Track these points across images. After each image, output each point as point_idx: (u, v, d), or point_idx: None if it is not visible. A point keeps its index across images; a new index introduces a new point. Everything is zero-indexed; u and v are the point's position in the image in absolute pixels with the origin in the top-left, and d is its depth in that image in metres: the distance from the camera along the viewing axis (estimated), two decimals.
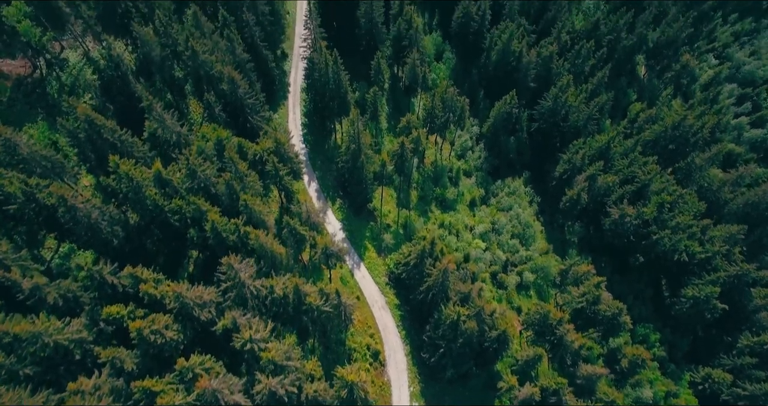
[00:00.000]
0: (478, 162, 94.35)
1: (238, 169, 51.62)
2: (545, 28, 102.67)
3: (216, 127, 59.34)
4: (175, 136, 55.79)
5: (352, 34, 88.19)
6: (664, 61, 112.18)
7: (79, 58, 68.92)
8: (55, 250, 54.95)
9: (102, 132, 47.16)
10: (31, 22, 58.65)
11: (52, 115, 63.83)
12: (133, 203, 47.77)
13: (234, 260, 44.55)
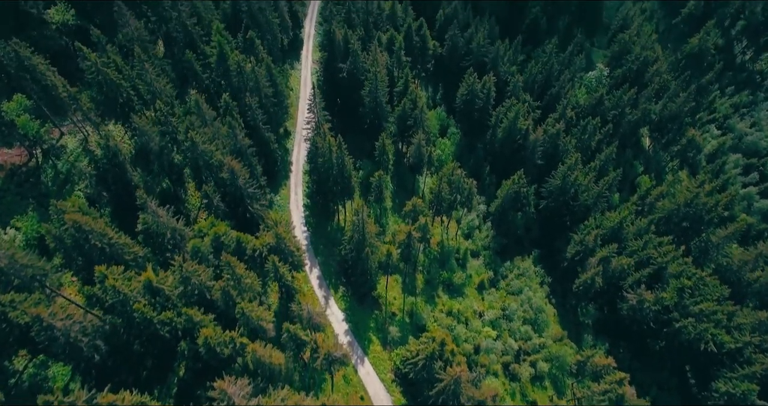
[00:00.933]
0: (486, 241, 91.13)
1: (235, 272, 47.96)
2: (550, 104, 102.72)
3: (214, 221, 56.37)
4: (170, 233, 52.59)
5: (356, 111, 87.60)
6: (668, 134, 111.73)
7: (78, 143, 67.25)
8: (27, 362, 50.23)
9: (90, 237, 43.94)
10: (30, 116, 57.30)
11: (43, 205, 61.10)
12: (120, 315, 43.79)
13: (227, 383, 39.93)
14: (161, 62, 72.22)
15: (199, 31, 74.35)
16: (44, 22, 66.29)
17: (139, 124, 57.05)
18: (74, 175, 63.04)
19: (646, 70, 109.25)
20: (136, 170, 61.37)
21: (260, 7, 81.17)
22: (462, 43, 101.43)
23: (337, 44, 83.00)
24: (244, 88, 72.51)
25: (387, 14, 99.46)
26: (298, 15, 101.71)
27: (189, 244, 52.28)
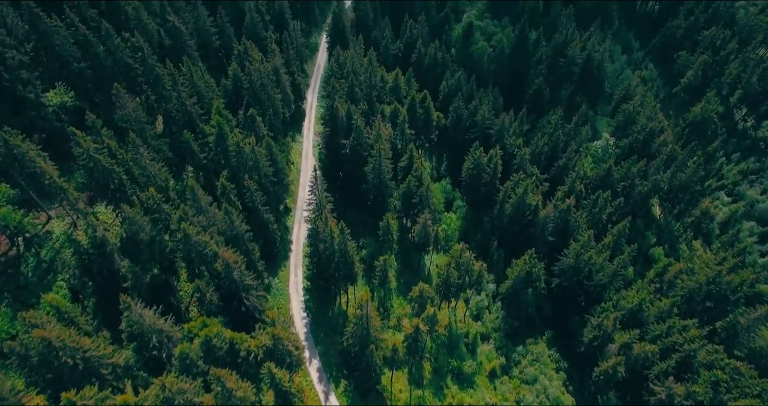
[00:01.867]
0: (496, 323, 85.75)
1: (226, 387, 42.64)
2: (557, 176, 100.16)
3: (205, 320, 51.57)
4: (156, 336, 47.65)
5: (359, 187, 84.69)
6: (680, 204, 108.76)
7: (66, 227, 63.54)
8: None
9: (61, 354, 39.04)
10: (13, 207, 53.96)
11: (20, 299, 56.45)
12: None
13: None
14: (158, 143, 69.86)
15: (198, 110, 72.59)
16: (42, 104, 64.35)
17: (130, 214, 53.47)
18: (58, 264, 58.77)
19: (653, 141, 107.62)
20: (125, 260, 57.11)
21: (262, 83, 79.99)
22: (466, 115, 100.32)
23: (340, 120, 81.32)
24: (243, 168, 69.79)
25: (390, 86, 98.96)
26: (301, 87, 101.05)
27: (176, 349, 47.21)
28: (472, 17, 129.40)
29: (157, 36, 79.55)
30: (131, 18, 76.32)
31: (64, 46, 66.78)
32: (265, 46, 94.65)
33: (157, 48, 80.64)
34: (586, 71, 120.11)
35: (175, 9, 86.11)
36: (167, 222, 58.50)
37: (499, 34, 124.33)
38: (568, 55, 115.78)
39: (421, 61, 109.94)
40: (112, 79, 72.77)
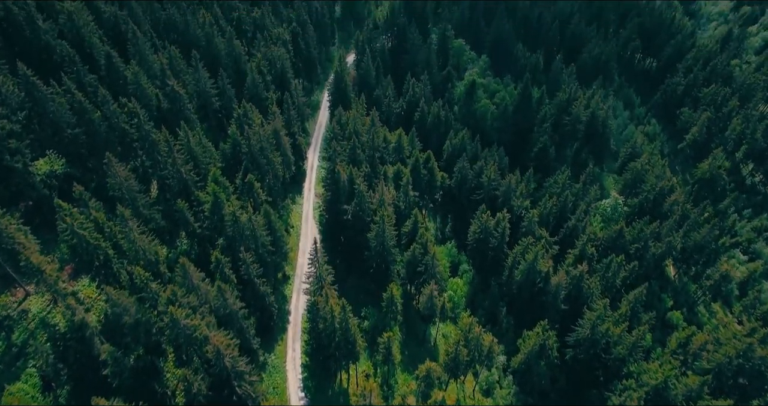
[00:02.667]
0: (508, 399, 79.45)
1: None
2: (567, 238, 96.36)
3: None
4: None
5: (361, 252, 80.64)
6: (697, 265, 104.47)
7: (44, 305, 58.95)
8: None
9: None
10: None
11: None
12: None
13: None
14: (150, 211, 66.50)
15: (194, 177, 69.70)
16: (29, 173, 61.45)
17: (114, 295, 49.21)
18: (30, 349, 53.79)
19: (664, 200, 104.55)
20: (106, 343, 52.27)
21: (261, 146, 77.64)
22: (471, 175, 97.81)
23: (342, 185, 78.38)
24: (239, 238, 66.04)
25: (393, 146, 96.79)
26: (301, 147, 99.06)
27: None
28: (474, 75, 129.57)
29: (156, 100, 77.92)
30: (130, 82, 74.88)
31: (58, 113, 64.66)
32: (265, 106, 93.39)
33: (155, 111, 79.02)
34: (591, 129, 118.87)
35: (176, 72, 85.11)
36: (155, 301, 54.08)
37: (502, 91, 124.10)
38: (572, 113, 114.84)
39: (424, 120, 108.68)
40: (106, 145, 70.46)
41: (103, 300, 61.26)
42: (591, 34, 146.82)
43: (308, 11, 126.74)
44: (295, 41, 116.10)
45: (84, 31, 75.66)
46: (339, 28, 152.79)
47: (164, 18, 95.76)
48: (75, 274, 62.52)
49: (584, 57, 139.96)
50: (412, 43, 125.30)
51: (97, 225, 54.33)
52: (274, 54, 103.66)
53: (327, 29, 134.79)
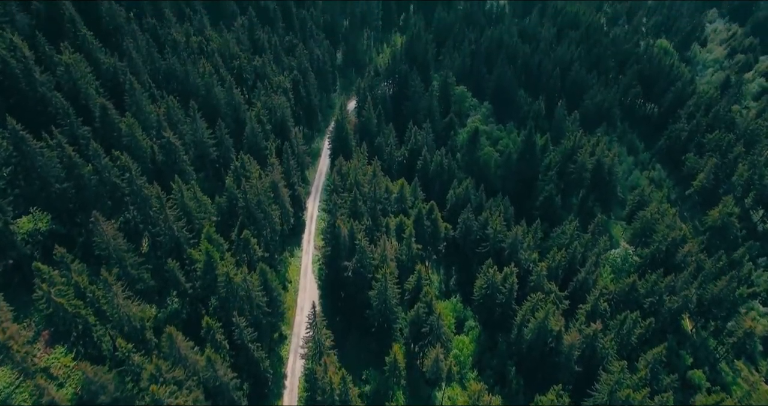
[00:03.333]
0: None
1: None
2: (577, 292, 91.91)
3: None
4: None
5: (362, 310, 76.25)
6: (716, 320, 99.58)
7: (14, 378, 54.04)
8: None
9: None
10: None
11: None
12: None
13: None
14: (139, 271, 62.66)
15: (186, 234, 66.33)
16: (10, 232, 58.10)
17: (90, 373, 44.76)
18: None
19: (677, 251, 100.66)
20: None
21: (258, 200, 74.60)
22: (476, 227, 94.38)
23: (342, 240, 74.87)
24: (233, 299, 62.01)
25: (395, 197, 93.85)
26: (301, 197, 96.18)
27: None
28: (476, 122, 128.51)
29: (150, 152, 75.52)
30: (124, 134, 72.71)
31: (46, 168, 61.98)
32: (264, 156, 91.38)
33: (149, 163, 76.52)
34: (597, 176, 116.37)
35: (173, 122, 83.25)
36: (138, 375, 49.50)
37: (505, 139, 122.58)
38: (577, 161, 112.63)
39: (427, 169, 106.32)
40: (96, 199, 67.51)
41: (80, 370, 56.68)
42: (592, 81, 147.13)
43: (310, 59, 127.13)
44: (296, 89, 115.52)
45: (81, 83, 74.16)
46: (340, 74, 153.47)
47: (164, 68, 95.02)
48: (52, 340, 58.03)
49: (587, 104, 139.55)
50: (414, 90, 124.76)
51: (78, 290, 50.43)
52: (274, 102, 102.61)
53: (328, 76, 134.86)
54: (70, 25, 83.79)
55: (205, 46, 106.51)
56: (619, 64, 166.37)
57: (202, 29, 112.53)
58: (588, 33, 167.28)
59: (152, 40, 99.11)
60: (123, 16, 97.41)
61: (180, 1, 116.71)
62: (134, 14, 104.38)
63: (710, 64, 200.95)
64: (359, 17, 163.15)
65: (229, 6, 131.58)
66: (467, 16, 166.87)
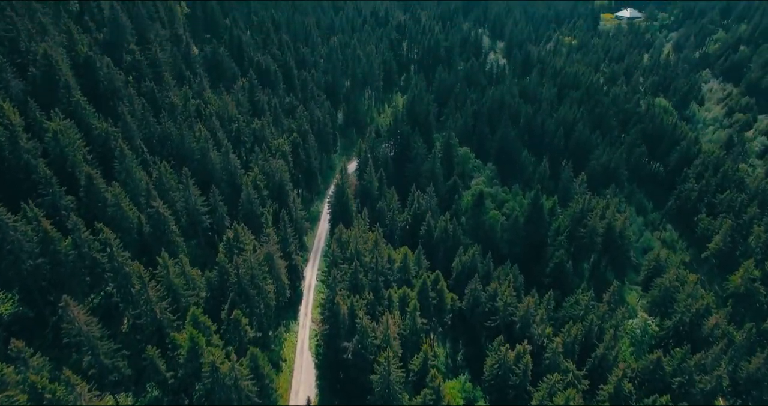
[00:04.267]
0: None
1: None
2: (595, 369, 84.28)
3: None
4: None
5: (364, 395, 68.83)
6: (756, 403, 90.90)
7: None
8: None
9: None
10: None
11: None
12: None
13: None
14: (114, 360, 55.98)
15: (170, 316, 60.30)
16: None
17: None
18: None
19: (702, 323, 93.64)
20: None
21: (252, 275, 68.93)
22: (485, 298, 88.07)
23: (342, 318, 68.61)
24: (219, 389, 55.09)
25: (399, 267, 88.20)
26: (298, 267, 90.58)
27: None
28: (481, 184, 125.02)
29: (137, 223, 70.80)
30: (110, 205, 68.16)
31: (19, 243, 56.94)
32: (260, 223, 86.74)
33: (135, 235, 71.64)
34: (609, 241, 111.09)
35: (164, 189, 79.19)
36: None
37: (511, 201, 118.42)
38: (588, 225, 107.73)
39: (431, 234, 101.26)
40: (73, 276, 62.04)
41: None
42: (596, 141, 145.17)
43: (310, 120, 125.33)
44: (295, 151, 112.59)
45: (68, 150, 70.68)
46: (341, 134, 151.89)
47: (159, 132, 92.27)
48: None
49: (592, 164, 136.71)
50: (416, 152, 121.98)
51: (35, 392, 43.77)
52: (272, 166, 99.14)
53: (329, 137, 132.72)
54: (65, 91, 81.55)
55: (203, 109, 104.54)
56: (621, 123, 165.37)
57: (201, 92, 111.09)
58: (589, 93, 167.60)
59: (149, 104, 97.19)
60: (122, 80, 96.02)
61: (180, 63, 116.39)
62: (133, 78, 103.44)
63: (710, 122, 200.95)
64: (360, 78, 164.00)
65: (230, 68, 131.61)
66: (468, 76, 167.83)
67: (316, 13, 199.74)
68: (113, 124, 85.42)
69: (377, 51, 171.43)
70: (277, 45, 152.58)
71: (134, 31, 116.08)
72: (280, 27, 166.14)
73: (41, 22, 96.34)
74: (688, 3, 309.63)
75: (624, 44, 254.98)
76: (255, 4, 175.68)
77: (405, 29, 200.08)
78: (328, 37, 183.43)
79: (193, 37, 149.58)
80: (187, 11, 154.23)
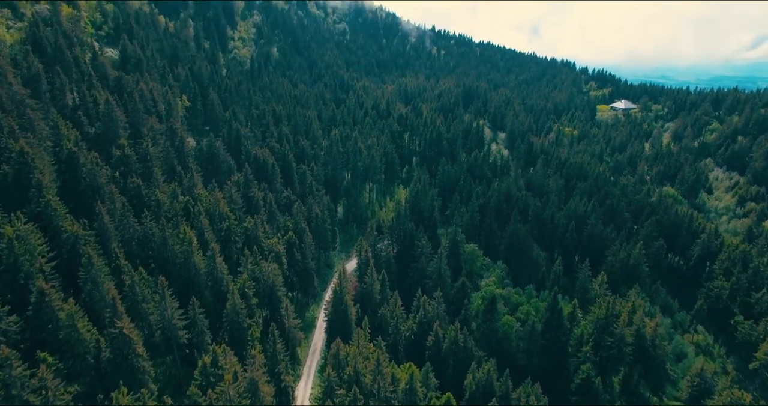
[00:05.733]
0: None
1: None
2: None
3: None
4: None
5: None
6: None
7: None
8: None
9: None
10: None
11: None
12: None
13: None
14: None
15: None
16: None
17: None
18: None
19: None
20: None
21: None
22: None
23: None
24: None
25: (404, 389, 75.42)
26: (288, 390, 77.72)
27: None
28: (491, 285, 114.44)
29: (95, 347, 59.98)
30: (62, 326, 57.79)
31: None
32: (246, 338, 75.80)
33: (92, 360, 60.48)
34: (639, 350, 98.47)
35: (136, 302, 69.23)
36: None
37: (525, 305, 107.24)
38: (615, 334, 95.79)
39: (439, 346, 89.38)
40: None
41: None
42: (611, 235, 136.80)
43: (308, 217, 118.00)
44: (290, 251, 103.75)
45: (23, 259, 61.75)
46: (341, 229, 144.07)
47: (139, 233, 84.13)
48: None
49: (610, 261, 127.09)
50: (421, 252, 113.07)
51: None
52: (263, 270, 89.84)
53: (327, 234, 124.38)
54: (35, 191, 74.55)
55: (192, 206, 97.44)
56: (633, 214, 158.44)
57: (191, 188, 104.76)
58: (597, 184, 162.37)
59: (135, 201, 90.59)
60: (106, 176, 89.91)
61: (173, 158, 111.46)
62: (120, 173, 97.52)
63: (722, 211, 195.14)
64: (361, 170, 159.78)
65: (225, 162, 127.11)
66: (472, 168, 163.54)
67: (318, 105, 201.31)
68: (89, 225, 77.70)
69: (379, 143, 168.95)
70: (277, 138, 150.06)
71: (128, 125, 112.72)
72: (281, 119, 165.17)
73: (29, 117, 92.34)
74: (678, 95, 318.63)
75: (624, 134, 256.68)
76: (256, 98, 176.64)
77: (407, 121, 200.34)
78: (330, 129, 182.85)
79: (192, 130, 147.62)
80: (187, 104, 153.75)
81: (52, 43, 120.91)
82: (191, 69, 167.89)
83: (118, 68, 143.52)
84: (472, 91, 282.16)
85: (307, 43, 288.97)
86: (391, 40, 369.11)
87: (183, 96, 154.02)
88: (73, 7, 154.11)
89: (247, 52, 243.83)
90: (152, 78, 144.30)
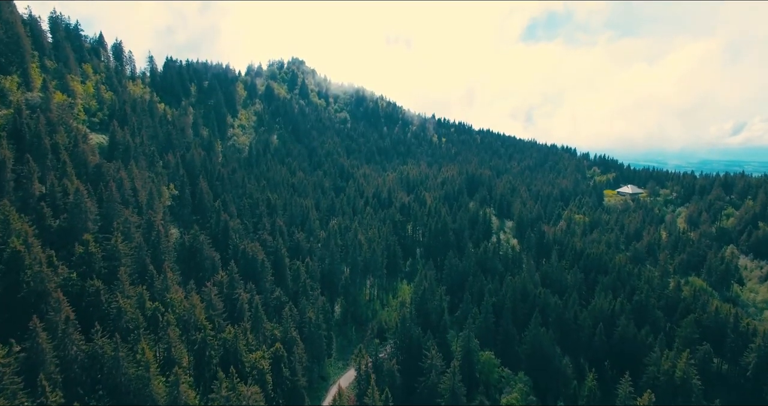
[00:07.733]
0: None
1: None
2: None
3: None
4: None
5: None
6: None
7: None
8: None
9: None
10: None
11: None
12: None
13: None
14: None
15: None
16: None
17: None
18: None
19: None
20: None
21: None
22: None
23: None
24: None
25: None
26: None
27: None
28: (513, 401, 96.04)
29: None
30: None
31: None
32: None
33: None
34: None
35: None
36: None
37: None
38: None
39: None
40: None
41: None
42: (646, 339, 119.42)
43: (299, 322, 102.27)
44: (276, 367, 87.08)
45: None
46: (338, 332, 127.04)
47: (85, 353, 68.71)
48: None
49: (651, 371, 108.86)
50: (431, 364, 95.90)
51: None
52: (242, 395, 73.17)
53: (321, 342, 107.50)
54: None
55: (160, 314, 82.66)
56: (663, 311, 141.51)
57: (164, 291, 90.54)
58: (620, 277, 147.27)
59: (86, 311, 76.14)
60: (56, 282, 76.24)
61: (145, 256, 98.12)
62: (78, 275, 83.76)
63: (761, 304, 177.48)
64: (361, 264, 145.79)
65: (208, 258, 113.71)
66: (481, 261, 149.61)
67: (316, 194, 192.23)
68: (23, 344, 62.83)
69: (380, 234, 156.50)
70: (269, 230, 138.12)
71: (99, 218, 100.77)
72: (276, 209, 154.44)
73: None
74: (685, 179, 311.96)
75: (637, 220, 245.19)
76: (251, 186, 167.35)
77: (409, 210, 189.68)
78: (328, 219, 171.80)
79: (177, 221, 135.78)
80: (174, 193, 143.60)
81: (32, 129, 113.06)
82: (183, 156, 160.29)
83: (106, 155, 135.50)
84: (476, 179, 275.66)
85: (307, 131, 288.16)
86: (392, 127, 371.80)
87: (171, 184, 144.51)
88: (68, 95, 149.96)
89: (246, 140, 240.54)
90: (139, 166, 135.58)
